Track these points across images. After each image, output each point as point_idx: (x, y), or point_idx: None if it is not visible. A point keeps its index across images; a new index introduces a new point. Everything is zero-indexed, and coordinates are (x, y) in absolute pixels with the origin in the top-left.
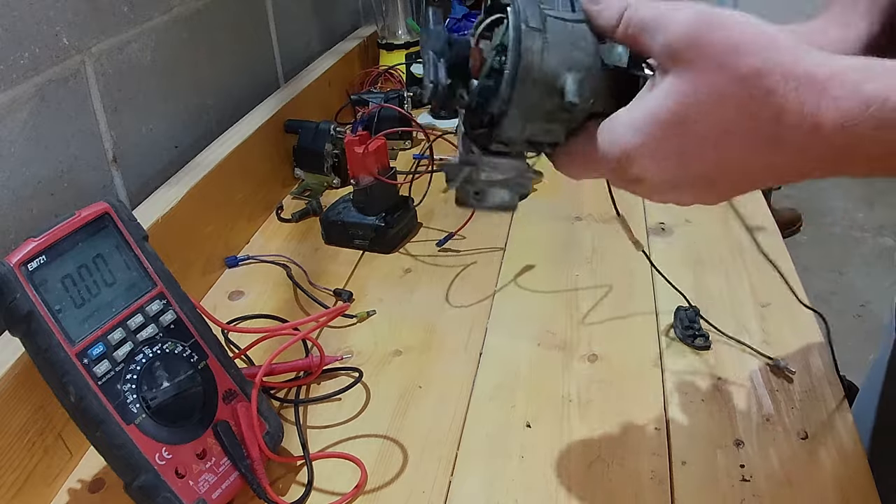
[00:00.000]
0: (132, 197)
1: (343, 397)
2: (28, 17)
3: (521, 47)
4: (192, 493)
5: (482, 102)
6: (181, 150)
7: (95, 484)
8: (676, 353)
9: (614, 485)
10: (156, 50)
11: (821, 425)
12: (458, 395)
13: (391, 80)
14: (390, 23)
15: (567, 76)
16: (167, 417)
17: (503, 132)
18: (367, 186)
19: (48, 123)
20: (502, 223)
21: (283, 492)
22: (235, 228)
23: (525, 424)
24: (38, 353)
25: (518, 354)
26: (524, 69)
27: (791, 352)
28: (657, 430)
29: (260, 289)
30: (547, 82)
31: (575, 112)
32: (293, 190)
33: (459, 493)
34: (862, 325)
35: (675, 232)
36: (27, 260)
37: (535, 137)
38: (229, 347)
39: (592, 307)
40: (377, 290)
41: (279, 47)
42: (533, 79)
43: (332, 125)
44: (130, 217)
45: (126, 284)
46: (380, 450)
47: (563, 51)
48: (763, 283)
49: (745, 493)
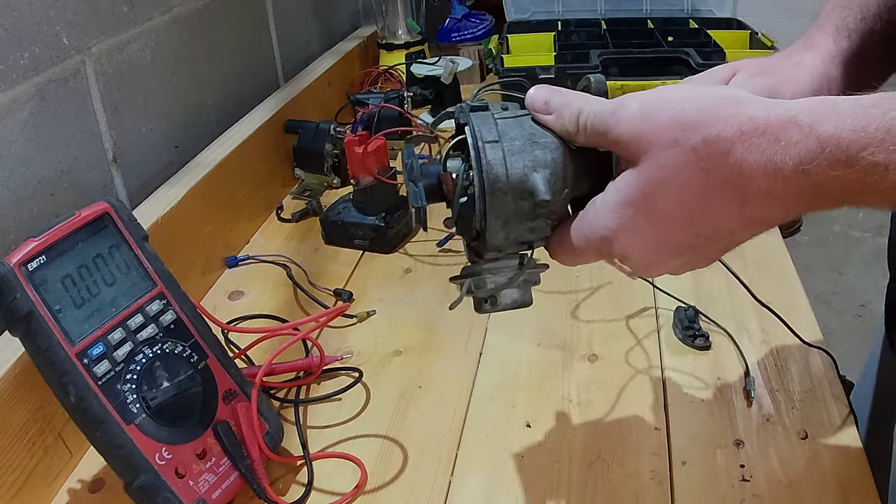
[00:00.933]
0: (132, 197)
1: (343, 397)
2: (28, 17)
3: (483, 163)
4: (192, 493)
5: (464, 219)
6: (181, 150)
7: (95, 484)
8: (676, 353)
9: (614, 485)
10: (156, 50)
11: (821, 425)
12: (458, 395)
13: (391, 80)
14: (390, 23)
15: (534, 176)
16: (167, 417)
17: (490, 242)
18: (367, 186)
19: (48, 123)
20: None
21: (283, 492)
22: (235, 228)
23: (525, 424)
24: (38, 353)
25: (518, 354)
26: (490, 183)
27: (791, 352)
28: (657, 430)
29: (260, 289)
30: (516, 188)
31: (553, 206)
32: (293, 190)
33: (459, 493)
34: (862, 325)
35: None
36: (27, 260)
37: (523, 238)
38: (229, 347)
39: (593, 307)
40: (377, 290)
41: (279, 47)
42: (502, 190)
43: (332, 125)
44: (130, 217)
45: (126, 284)
46: (380, 450)
47: (524, 153)
48: (763, 283)
49: (745, 493)
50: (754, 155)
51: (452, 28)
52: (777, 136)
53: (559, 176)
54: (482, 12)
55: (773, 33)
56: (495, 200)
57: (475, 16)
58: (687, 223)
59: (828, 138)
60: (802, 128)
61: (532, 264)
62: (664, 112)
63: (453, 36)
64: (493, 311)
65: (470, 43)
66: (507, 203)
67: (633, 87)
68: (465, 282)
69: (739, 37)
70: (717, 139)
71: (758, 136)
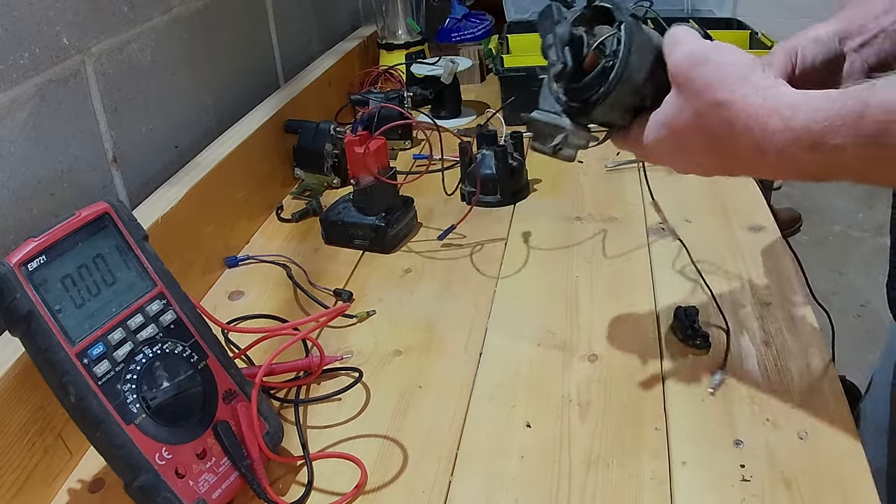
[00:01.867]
0: (132, 197)
1: (343, 397)
2: (28, 17)
3: (629, 60)
4: (192, 493)
5: (588, 89)
6: (181, 150)
7: (95, 484)
8: (676, 353)
9: (614, 485)
10: (156, 50)
11: (821, 425)
12: (458, 395)
13: (391, 80)
14: (390, 23)
15: (647, 84)
16: (167, 417)
17: (596, 114)
18: (367, 186)
19: (48, 123)
20: (503, 223)
21: (283, 492)
22: (235, 228)
23: (525, 424)
24: (38, 353)
25: (518, 354)
26: (626, 77)
27: (791, 352)
28: (657, 430)
29: (260, 289)
30: (636, 87)
31: (644, 107)
32: (293, 190)
33: (459, 493)
34: (862, 325)
35: (675, 232)
36: (27, 260)
37: (613, 121)
38: (229, 347)
39: (593, 307)
40: (377, 290)
41: (279, 47)
42: (630, 83)
43: (332, 125)
44: (130, 217)
45: (126, 284)
46: (380, 450)
47: (644, 60)
48: (763, 283)
49: (745, 493)
50: (747, 135)
51: (452, 28)
52: (765, 125)
53: (654, 84)
54: (482, 12)
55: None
56: (622, 89)
57: (475, 16)
58: (699, 151)
59: (800, 129)
60: (783, 118)
61: (593, 136)
62: (701, 67)
63: (453, 36)
64: (552, 155)
65: (470, 43)
66: (626, 94)
67: None
68: (558, 136)
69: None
70: (728, 105)
71: (751, 119)
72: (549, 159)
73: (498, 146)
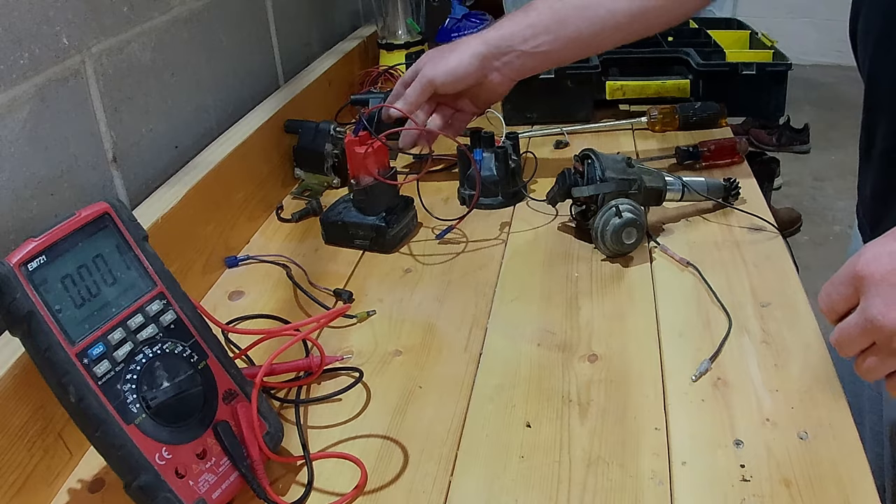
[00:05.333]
0: (132, 197)
1: (343, 397)
2: (28, 17)
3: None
4: (192, 493)
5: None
6: (181, 150)
7: (95, 484)
8: (676, 354)
9: (614, 485)
10: (156, 50)
11: (821, 425)
12: (458, 395)
13: (391, 80)
14: (390, 23)
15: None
16: (167, 417)
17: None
18: (367, 186)
19: (48, 123)
20: (503, 223)
21: (283, 492)
22: (235, 228)
23: (525, 424)
24: (38, 353)
25: (518, 354)
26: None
27: (791, 352)
28: (657, 430)
29: (260, 289)
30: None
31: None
32: (293, 190)
33: (459, 493)
34: None
35: (675, 232)
36: (27, 260)
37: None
38: (229, 347)
39: (593, 308)
40: (377, 290)
41: (279, 47)
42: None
43: (332, 125)
44: (130, 217)
45: (126, 284)
46: (380, 450)
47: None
48: (763, 283)
49: (745, 493)
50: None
51: (452, 28)
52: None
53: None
54: (482, 12)
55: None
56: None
57: (475, 16)
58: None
59: None
60: None
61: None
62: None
63: (453, 36)
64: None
65: None
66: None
67: (632, 87)
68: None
69: (739, 37)
70: None
71: None
72: (549, 159)
73: (498, 147)
